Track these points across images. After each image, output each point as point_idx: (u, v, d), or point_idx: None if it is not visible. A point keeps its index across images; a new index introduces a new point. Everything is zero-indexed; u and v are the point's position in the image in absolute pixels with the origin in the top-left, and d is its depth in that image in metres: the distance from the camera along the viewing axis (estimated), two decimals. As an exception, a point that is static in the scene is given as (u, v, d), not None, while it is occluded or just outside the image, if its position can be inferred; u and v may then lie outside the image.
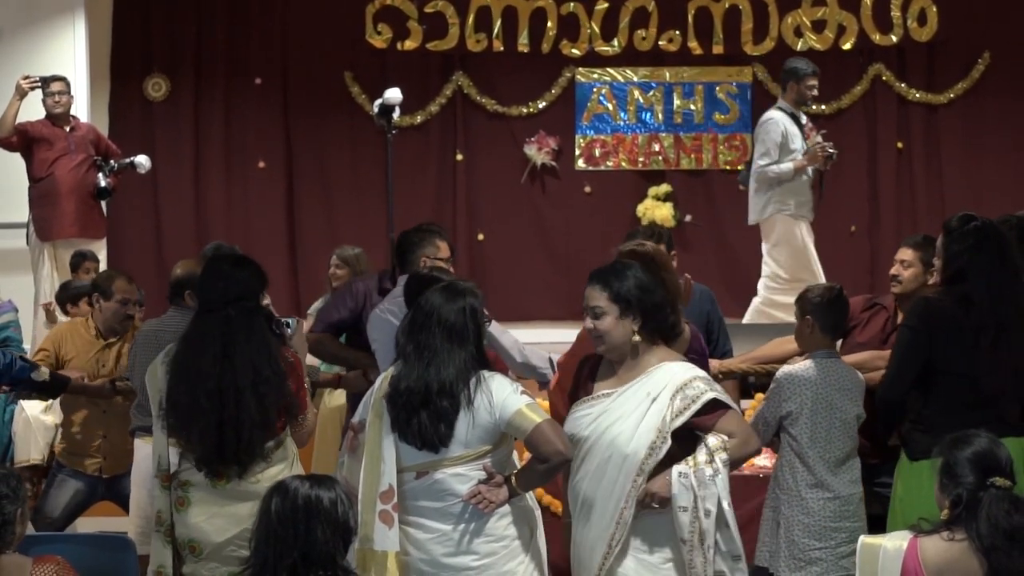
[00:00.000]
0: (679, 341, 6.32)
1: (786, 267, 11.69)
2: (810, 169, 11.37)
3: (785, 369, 6.96)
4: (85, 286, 10.21)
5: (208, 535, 5.96)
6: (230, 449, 5.93)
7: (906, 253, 7.41)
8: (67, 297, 10.33)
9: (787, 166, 11.31)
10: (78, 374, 8.30)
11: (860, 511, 6.77)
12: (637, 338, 5.41)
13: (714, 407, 5.46)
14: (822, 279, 10.99)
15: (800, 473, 6.72)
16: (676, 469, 5.47)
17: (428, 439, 5.55)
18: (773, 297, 11.65)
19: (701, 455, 5.49)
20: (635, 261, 6.25)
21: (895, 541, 5.20)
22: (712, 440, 5.48)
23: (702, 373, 5.52)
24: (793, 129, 11.34)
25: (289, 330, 6.83)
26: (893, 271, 7.45)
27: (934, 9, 13.55)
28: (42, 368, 8.05)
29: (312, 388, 7.15)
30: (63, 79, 11.87)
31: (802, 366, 6.87)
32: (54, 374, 8.17)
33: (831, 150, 11.39)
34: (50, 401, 9.03)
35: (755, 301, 11.81)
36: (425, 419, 5.55)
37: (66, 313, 10.39)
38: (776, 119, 11.42)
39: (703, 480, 5.41)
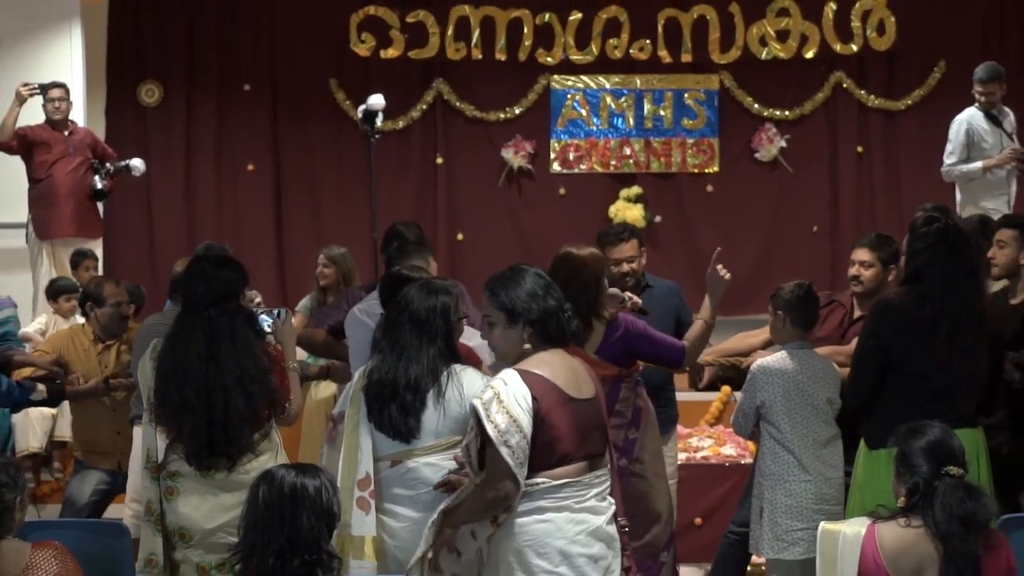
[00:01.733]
0: (595, 332, 6.55)
1: None
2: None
3: (759, 362, 7.06)
4: (70, 283, 10.77)
5: (197, 523, 6.05)
6: (219, 445, 6.03)
7: (863, 254, 7.48)
8: (53, 292, 10.58)
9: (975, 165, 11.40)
10: (73, 375, 8.37)
11: (840, 495, 6.87)
12: (528, 346, 5.35)
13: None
14: None
15: (781, 458, 6.81)
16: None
17: (399, 430, 5.68)
18: None
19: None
20: (567, 263, 6.57)
21: (854, 527, 5.37)
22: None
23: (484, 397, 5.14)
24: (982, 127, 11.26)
25: (280, 320, 6.84)
26: (853, 272, 7.53)
27: (892, 20, 13.64)
28: (39, 387, 8.10)
29: (300, 381, 7.14)
30: (62, 86, 12.01)
31: (775, 357, 7.00)
32: (50, 388, 8.18)
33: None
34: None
35: None
36: (394, 411, 5.67)
37: (55, 304, 10.53)
38: (959, 119, 11.36)
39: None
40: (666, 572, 6.90)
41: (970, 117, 11.13)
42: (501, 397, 5.12)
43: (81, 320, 9.65)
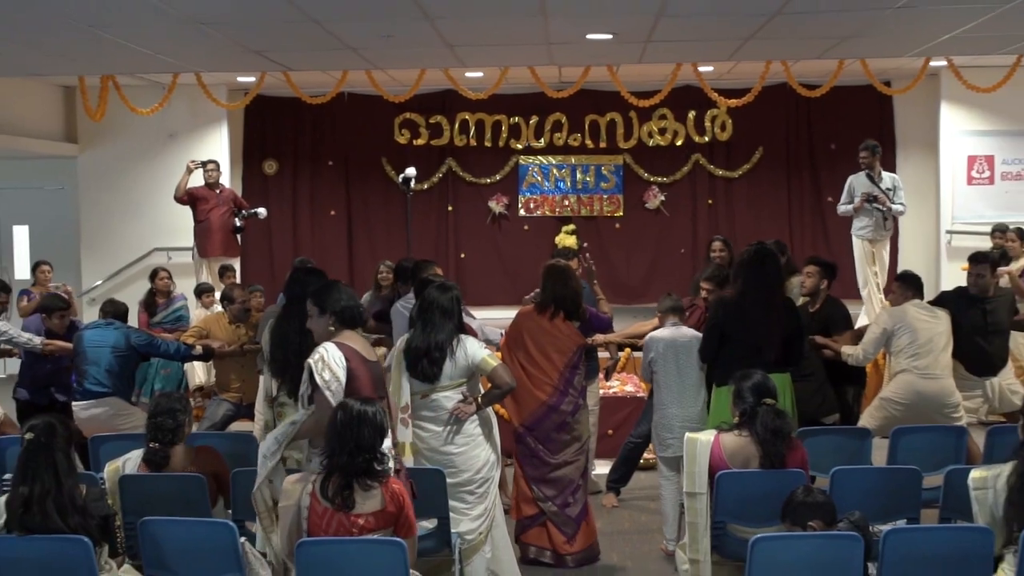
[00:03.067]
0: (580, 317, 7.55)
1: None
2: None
3: (651, 334, 7.88)
4: (209, 286, 12.13)
5: None
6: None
7: (706, 284, 8.48)
8: (198, 292, 12.07)
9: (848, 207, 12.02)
10: (219, 344, 9.48)
11: (703, 419, 7.52)
12: (332, 328, 5.74)
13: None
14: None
15: (662, 395, 7.74)
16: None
17: (428, 375, 6.42)
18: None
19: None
20: (549, 268, 7.62)
21: (706, 436, 6.07)
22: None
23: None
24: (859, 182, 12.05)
25: None
26: (702, 295, 8.50)
27: (730, 121, 15.51)
28: (197, 346, 9.15)
29: None
30: (214, 161, 13.72)
31: (659, 331, 7.88)
32: (205, 348, 9.25)
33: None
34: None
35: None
36: (426, 364, 6.42)
37: (199, 299, 11.95)
38: (849, 179, 12.29)
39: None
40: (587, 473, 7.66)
41: (854, 177, 12.28)
42: (325, 359, 5.56)
43: (219, 309, 10.68)
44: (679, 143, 15.71)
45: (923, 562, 4.96)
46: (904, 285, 8.45)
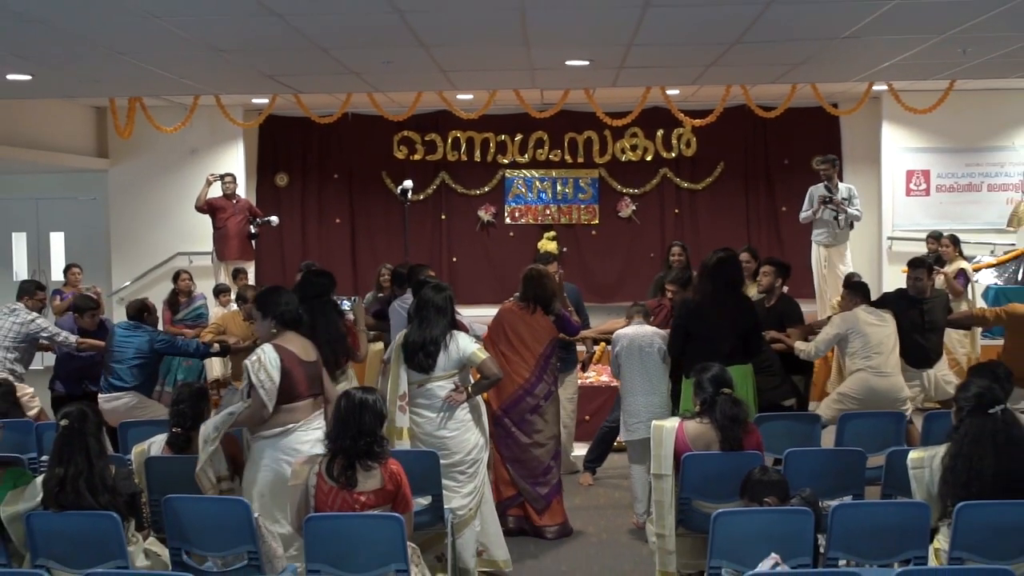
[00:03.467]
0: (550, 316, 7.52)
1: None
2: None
3: (617, 331, 7.90)
4: (225, 286, 12.03)
5: None
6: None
7: (671, 286, 8.47)
8: (215, 292, 11.98)
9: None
10: (234, 340, 9.41)
11: (666, 407, 7.50)
12: (274, 330, 5.80)
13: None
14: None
15: (627, 384, 7.72)
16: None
17: (423, 366, 6.40)
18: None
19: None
20: (528, 272, 7.61)
21: (671, 423, 6.08)
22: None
23: None
24: (818, 192, 12.04)
25: (353, 304, 8.51)
26: (668, 296, 8.50)
27: (694, 139, 15.52)
28: (215, 344, 9.16)
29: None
30: (231, 174, 13.85)
31: (625, 328, 7.87)
32: (221, 344, 9.23)
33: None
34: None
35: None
36: (422, 356, 6.40)
37: (216, 299, 11.76)
38: (810, 189, 12.28)
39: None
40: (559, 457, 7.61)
41: (813, 187, 12.28)
42: (262, 360, 5.61)
43: (235, 307, 10.59)
44: (649, 158, 15.76)
45: (867, 534, 4.98)
46: (852, 292, 8.40)
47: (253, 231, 13.61)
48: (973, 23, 7.72)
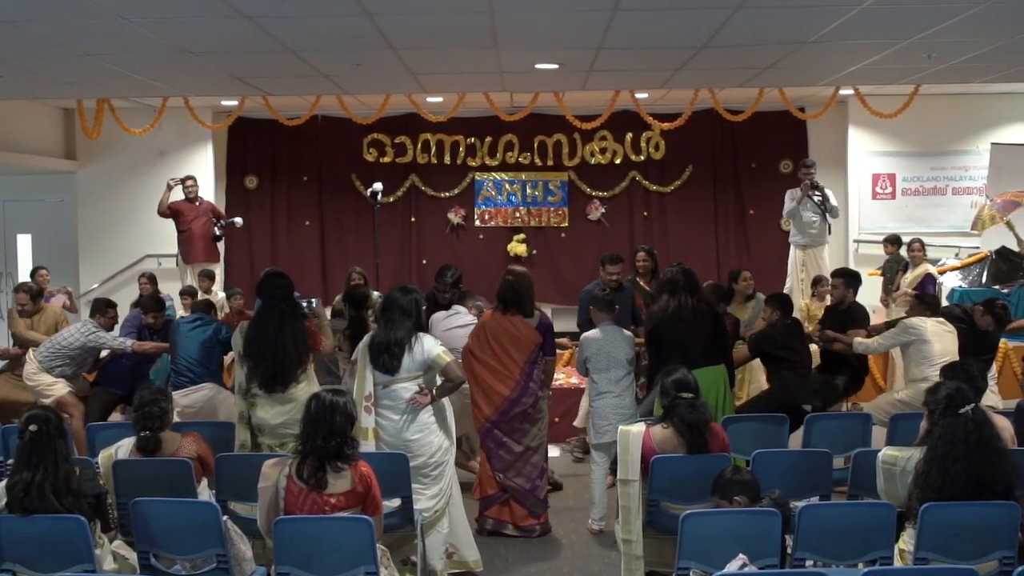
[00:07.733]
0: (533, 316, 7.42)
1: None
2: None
3: (584, 334, 7.95)
4: (192, 288, 11.99)
5: (267, 421, 6.78)
6: (279, 378, 6.77)
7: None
8: (182, 293, 11.89)
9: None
10: None
11: (632, 409, 7.55)
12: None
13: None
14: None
15: (596, 387, 7.75)
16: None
17: (388, 368, 6.38)
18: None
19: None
20: (507, 276, 7.56)
21: (637, 427, 6.11)
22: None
23: None
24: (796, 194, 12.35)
25: (313, 304, 8.38)
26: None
27: (663, 142, 15.50)
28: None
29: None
30: (192, 177, 13.71)
31: (592, 332, 7.87)
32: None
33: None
34: None
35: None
36: (386, 357, 6.39)
37: (182, 300, 11.55)
38: (789, 190, 12.67)
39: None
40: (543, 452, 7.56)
41: (790, 191, 12.75)
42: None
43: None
44: (618, 161, 15.76)
45: (833, 534, 5.02)
46: (922, 305, 8.65)
47: (218, 233, 13.59)
48: (938, 28, 7.81)
